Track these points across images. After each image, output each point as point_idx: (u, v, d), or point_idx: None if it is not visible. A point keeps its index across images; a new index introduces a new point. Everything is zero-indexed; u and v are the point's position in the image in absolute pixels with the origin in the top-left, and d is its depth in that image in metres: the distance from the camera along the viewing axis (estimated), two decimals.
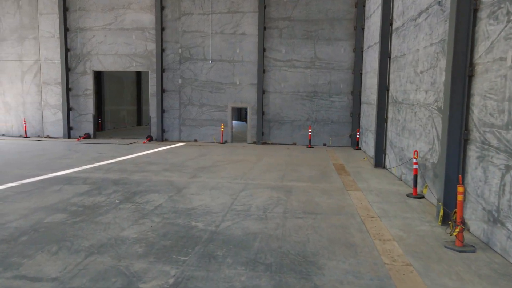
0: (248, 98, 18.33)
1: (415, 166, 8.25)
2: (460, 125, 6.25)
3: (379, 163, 12.09)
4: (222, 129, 18.37)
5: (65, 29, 18.97)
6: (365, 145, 15.70)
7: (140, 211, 6.99)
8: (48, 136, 19.88)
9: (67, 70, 19.24)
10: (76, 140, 18.78)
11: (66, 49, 19.11)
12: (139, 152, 14.92)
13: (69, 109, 19.44)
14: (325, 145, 18.03)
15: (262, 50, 17.76)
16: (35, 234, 5.73)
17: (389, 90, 11.67)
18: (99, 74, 24.29)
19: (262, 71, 17.84)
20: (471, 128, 6.09)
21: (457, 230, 5.33)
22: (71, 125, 19.65)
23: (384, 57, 11.79)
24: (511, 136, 5.00)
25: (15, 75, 19.81)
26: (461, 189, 5.35)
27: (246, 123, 22.14)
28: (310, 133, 17.64)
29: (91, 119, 19.61)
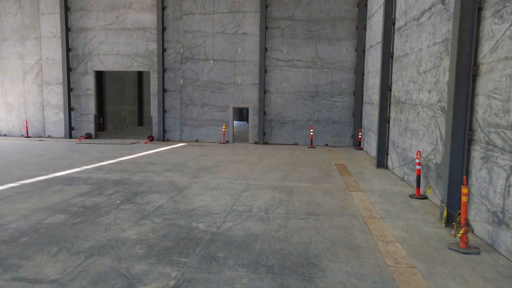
0: (249, 98, 18.28)
1: (418, 167, 8.18)
2: (464, 126, 6.18)
3: (381, 163, 12.02)
4: (224, 129, 18.33)
5: (67, 29, 18.96)
6: (367, 145, 15.62)
7: (141, 212, 6.95)
8: (49, 136, 19.87)
9: (69, 70, 19.22)
10: (77, 140, 18.77)
11: (68, 49, 19.09)
12: (140, 152, 14.88)
13: (70, 109, 19.42)
14: (326, 145, 17.97)
15: (264, 50, 17.70)
16: (35, 235, 5.68)
17: (391, 90, 11.60)
18: (101, 74, 24.27)
19: (263, 71, 17.79)
20: (475, 128, 6.02)
21: (461, 232, 5.26)
22: (72, 125, 19.64)
23: (387, 56, 11.72)
24: None
25: (17, 75, 19.81)
26: (465, 190, 5.28)
27: (248, 123, 22.08)
28: (311, 133, 17.57)
29: (92, 119, 19.58)
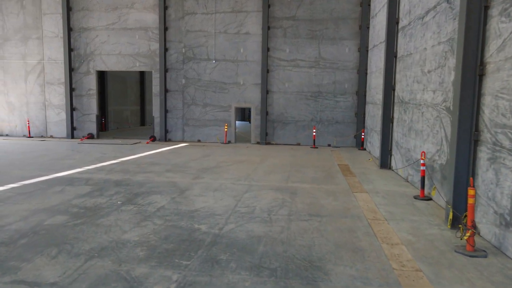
0: (251, 98, 18.20)
1: (423, 168, 8.08)
2: (470, 126, 6.08)
3: (384, 164, 11.92)
4: (226, 129, 18.25)
5: (69, 29, 18.93)
6: (370, 146, 15.51)
7: (142, 213, 6.87)
8: (51, 136, 19.85)
9: (71, 70, 19.20)
10: (79, 140, 18.74)
11: (70, 49, 19.07)
12: (142, 152, 14.82)
13: (72, 109, 19.40)
14: (329, 145, 17.86)
15: (266, 50, 17.62)
16: (35, 236, 5.62)
17: (395, 90, 11.49)
18: (103, 74, 24.25)
19: (266, 71, 17.70)
20: (481, 128, 5.92)
21: (468, 234, 5.16)
22: (74, 125, 19.61)
23: (390, 56, 11.61)
24: None
25: (19, 75, 19.80)
26: (472, 192, 5.17)
27: (250, 123, 22.01)
28: (314, 134, 17.48)
29: (94, 119, 19.55)
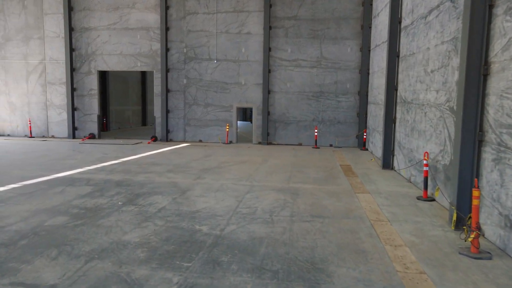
0: (253, 98, 18.14)
1: (426, 168, 8.01)
2: (475, 126, 6.01)
3: (387, 164, 11.84)
4: (227, 130, 18.20)
5: (70, 29, 18.91)
6: (372, 146, 15.44)
7: (143, 213, 6.82)
8: (53, 136, 19.83)
9: (72, 70, 19.18)
10: (80, 140, 18.71)
11: (71, 49, 19.05)
12: (143, 152, 14.79)
13: (74, 109, 19.38)
14: (331, 145, 17.79)
15: (268, 50, 17.56)
16: (35, 237, 5.57)
17: (397, 90, 11.42)
18: (104, 74, 24.23)
19: (267, 71, 17.64)
20: (486, 129, 5.85)
21: (472, 236, 5.09)
22: (76, 125, 19.59)
23: (393, 56, 11.54)
24: None
25: (20, 75, 19.79)
26: (476, 193, 5.11)
27: (251, 123, 21.95)
28: (316, 134, 17.41)
29: (95, 119, 19.52)
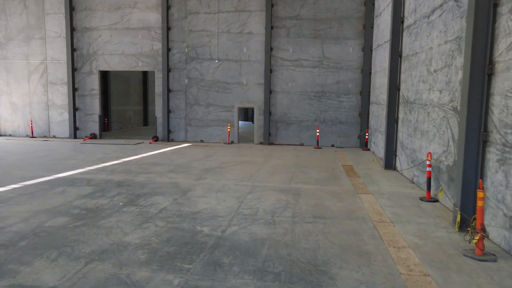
0: (255, 98, 18.08)
1: (429, 169, 7.94)
2: (479, 126, 5.94)
3: (389, 164, 11.77)
4: (229, 130, 18.15)
5: (72, 29, 18.89)
6: (374, 146, 15.36)
7: (143, 214, 6.78)
8: (54, 136, 19.82)
9: (73, 70, 19.16)
10: (82, 140, 18.69)
11: (73, 49, 19.02)
12: (145, 152, 14.75)
13: (75, 109, 19.36)
14: (333, 146, 17.72)
15: (269, 50, 17.50)
16: (35, 238, 5.53)
17: (400, 89, 11.35)
18: (106, 74, 24.23)
19: (269, 71, 17.58)
20: (490, 129, 5.78)
21: (477, 238, 5.03)
22: (77, 125, 19.57)
23: (395, 56, 11.47)
24: None
25: (22, 75, 19.78)
26: (481, 194, 5.04)
27: (253, 123, 21.89)
28: (318, 134, 17.34)
29: (97, 119, 19.50)
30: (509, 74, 5.31)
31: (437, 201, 7.92)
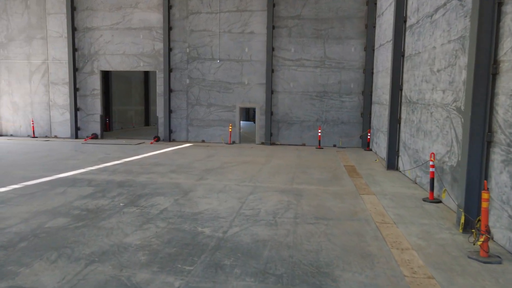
0: (256, 98, 18.03)
1: (432, 169, 7.87)
2: (483, 127, 5.87)
3: (391, 165, 11.70)
4: (230, 130, 18.10)
5: (73, 29, 18.87)
6: (376, 146, 15.29)
7: (144, 215, 6.73)
8: (55, 136, 19.80)
9: (75, 70, 19.14)
10: (83, 140, 18.67)
11: (74, 49, 19.01)
12: (146, 153, 14.71)
13: (76, 109, 19.34)
14: (335, 146, 17.65)
15: (271, 49, 17.44)
16: (35, 239, 5.49)
17: (402, 89, 11.27)
18: (107, 74, 24.20)
19: (271, 71, 17.53)
20: (495, 129, 5.71)
21: (481, 240, 4.96)
22: (78, 125, 19.55)
23: (398, 55, 11.40)
24: None
25: (23, 75, 19.77)
26: (486, 195, 4.97)
27: (254, 123, 21.83)
28: (319, 134, 17.27)
29: (98, 119, 19.48)
30: None
31: (440, 202, 7.85)
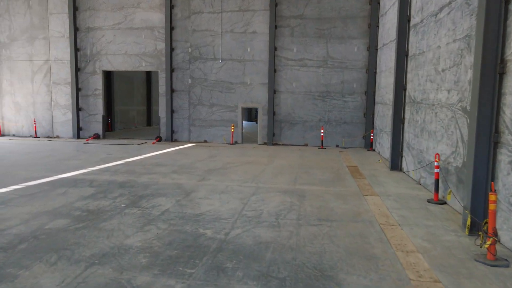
0: (259, 98, 17.95)
1: (437, 170, 7.76)
2: (490, 127, 5.77)
3: (395, 165, 11.59)
4: (232, 130, 18.02)
5: (75, 29, 18.84)
6: (380, 147, 15.18)
7: (146, 216, 6.66)
8: (57, 137, 19.78)
9: (77, 70, 19.11)
10: (85, 140, 18.64)
11: (76, 49, 18.98)
12: (148, 153, 14.65)
13: (78, 109, 19.31)
14: (337, 146, 17.55)
15: (273, 49, 17.35)
16: (34, 241, 5.42)
17: (406, 89, 11.17)
18: (109, 74, 24.17)
19: (273, 71, 17.44)
20: (502, 130, 5.61)
21: (488, 242, 4.86)
22: (80, 125, 19.52)
23: (401, 55, 11.29)
24: None
25: (25, 75, 19.77)
26: (493, 197, 4.88)
27: (257, 123, 21.76)
28: (322, 134, 17.17)
29: (100, 120, 19.45)
30: None
31: (445, 203, 7.75)
